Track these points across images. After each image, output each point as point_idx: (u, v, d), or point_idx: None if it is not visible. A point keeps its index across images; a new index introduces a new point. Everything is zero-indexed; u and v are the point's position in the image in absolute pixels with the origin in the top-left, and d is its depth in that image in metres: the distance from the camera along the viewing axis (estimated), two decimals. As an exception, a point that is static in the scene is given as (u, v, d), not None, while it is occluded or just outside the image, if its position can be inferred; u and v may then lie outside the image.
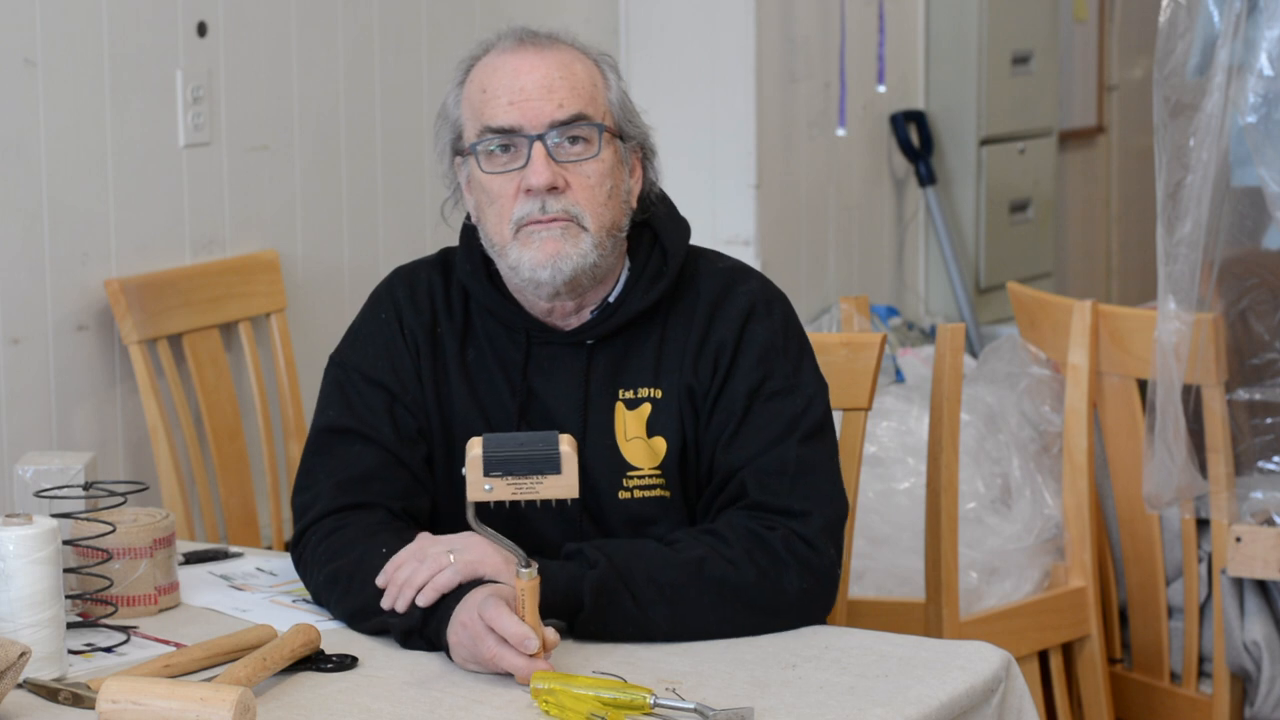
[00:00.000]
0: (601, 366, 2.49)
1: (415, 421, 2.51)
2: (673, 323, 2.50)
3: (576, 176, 2.42)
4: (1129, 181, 6.84)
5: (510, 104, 2.42)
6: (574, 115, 2.42)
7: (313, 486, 2.50)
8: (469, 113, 2.47)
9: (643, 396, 2.48)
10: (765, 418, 2.45)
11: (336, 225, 4.16)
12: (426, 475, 2.51)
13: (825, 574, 2.39)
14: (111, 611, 2.41)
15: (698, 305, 2.50)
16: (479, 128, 2.44)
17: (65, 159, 3.58)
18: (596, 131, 2.43)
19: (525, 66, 2.43)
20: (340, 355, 2.57)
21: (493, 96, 2.43)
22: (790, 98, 5.06)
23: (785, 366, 2.48)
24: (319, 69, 4.10)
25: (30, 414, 3.55)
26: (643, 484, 2.47)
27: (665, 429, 2.48)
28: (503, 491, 2.17)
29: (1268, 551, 3.45)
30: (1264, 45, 3.43)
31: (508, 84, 2.43)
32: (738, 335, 2.48)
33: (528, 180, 2.41)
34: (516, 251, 2.43)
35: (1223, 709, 3.58)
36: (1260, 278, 3.63)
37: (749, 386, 2.46)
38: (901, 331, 5.34)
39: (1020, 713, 2.29)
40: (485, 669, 2.20)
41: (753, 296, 2.51)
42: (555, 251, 2.41)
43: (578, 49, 2.48)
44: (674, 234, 2.53)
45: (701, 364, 2.48)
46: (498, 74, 2.45)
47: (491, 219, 2.45)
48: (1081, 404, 3.65)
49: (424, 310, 2.54)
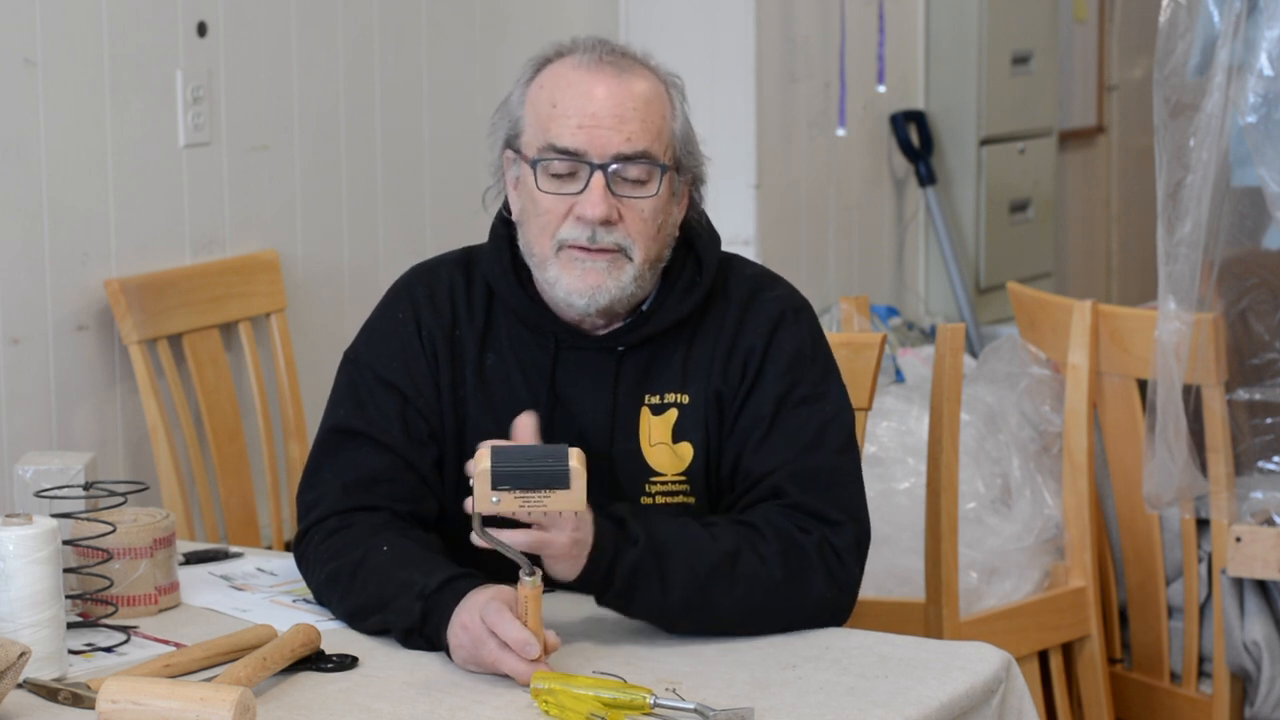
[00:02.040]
0: (630, 372, 2.48)
1: (427, 425, 2.49)
2: (702, 329, 2.49)
3: (630, 210, 2.40)
4: (1129, 181, 6.84)
5: (579, 127, 2.38)
6: (640, 152, 2.39)
7: (319, 486, 2.49)
8: (533, 120, 2.43)
9: (669, 402, 2.47)
10: (795, 424, 2.45)
11: (336, 225, 4.16)
12: (435, 478, 2.49)
13: (848, 587, 2.40)
14: (111, 611, 2.41)
15: (727, 312, 2.49)
16: (543, 143, 2.41)
17: (65, 159, 3.58)
18: (659, 171, 2.41)
19: (601, 91, 2.39)
20: (355, 352, 2.55)
21: (562, 114, 2.39)
22: (790, 98, 5.06)
23: (813, 374, 2.48)
24: (319, 69, 4.10)
25: (30, 414, 3.54)
26: (666, 490, 2.47)
27: (691, 435, 2.47)
28: (510, 505, 2.17)
29: (1268, 551, 3.45)
30: (1264, 45, 3.43)
31: (579, 105, 2.39)
32: (766, 342, 2.47)
33: (582, 209, 2.38)
34: (556, 271, 2.41)
35: (1223, 709, 3.58)
36: (1260, 278, 3.63)
37: (777, 393, 2.45)
38: (901, 331, 5.34)
39: (1020, 713, 2.29)
40: (485, 671, 2.20)
41: (781, 304, 2.51)
42: (596, 284, 2.39)
43: (649, 70, 2.44)
44: (709, 245, 2.52)
45: (730, 369, 2.47)
46: (570, 91, 2.40)
47: (535, 229, 2.43)
48: (1081, 404, 3.65)
49: (444, 312, 2.51)
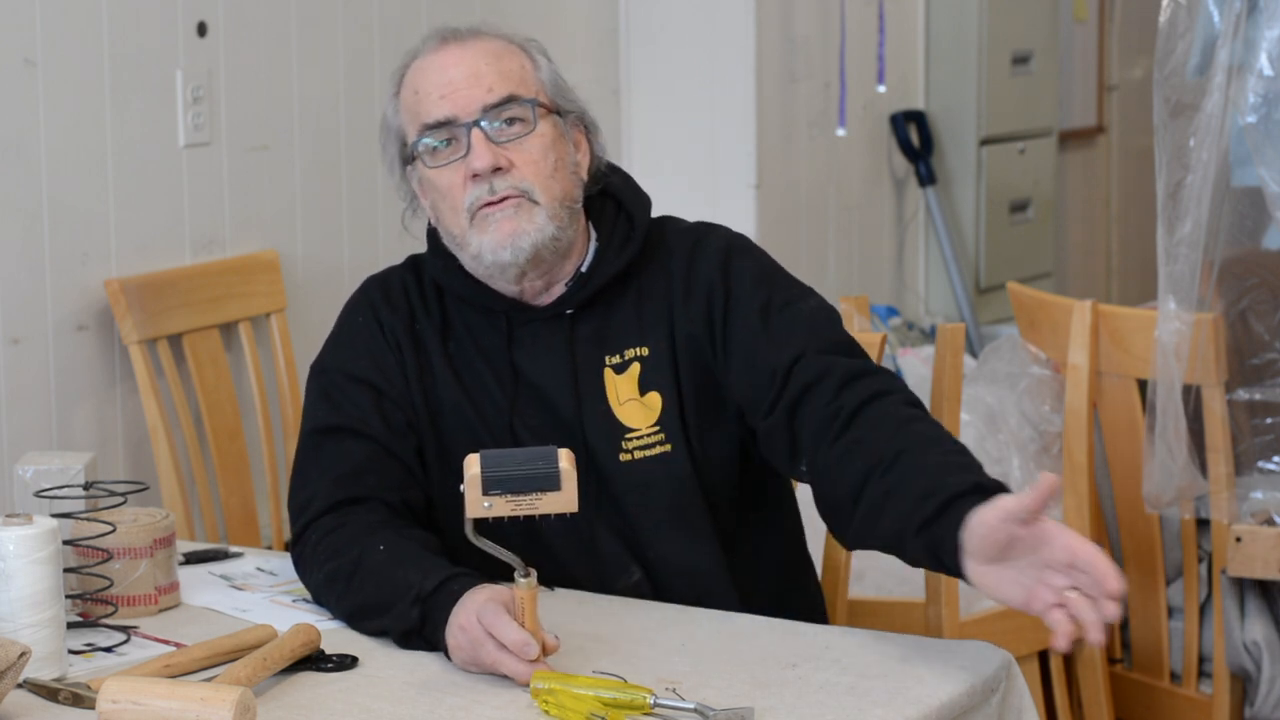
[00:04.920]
0: (584, 336, 2.51)
1: (403, 415, 2.52)
2: (647, 281, 2.53)
3: (519, 154, 2.45)
4: (1129, 181, 6.84)
5: (441, 97, 2.46)
6: (505, 97, 2.46)
7: (308, 485, 2.50)
8: (407, 117, 2.51)
9: (630, 358, 2.51)
10: (790, 320, 2.48)
11: (336, 225, 4.16)
12: (419, 467, 2.52)
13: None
14: (111, 611, 2.41)
15: (672, 261, 2.53)
16: (417, 127, 2.48)
17: (65, 159, 3.58)
18: (530, 109, 2.47)
19: (451, 61, 2.48)
20: (320, 363, 2.59)
21: (425, 95, 2.48)
22: (790, 98, 5.06)
23: (784, 284, 2.53)
24: (319, 69, 4.10)
25: (30, 414, 3.55)
26: (642, 444, 2.49)
27: (658, 384, 2.50)
28: (502, 508, 2.17)
29: (1268, 551, 3.45)
30: (1264, 45, 3.43)
31: (436, 80, 2.48)
32: (723, 273, 2.51)
33: (471, 165, 2.44)
34: (476, 239, 2.45)
35: (1223, 709, 3.58)
36: (1260, 278, 3.63)
37: (758, 305, 2.49)
38: (901, 331, 5.34)
39: (1020, 713, 2.29)
40: (484, 672, 2.20)
41: (726, 240, 2.56)
42: (512, 230, 2.44)
43: (501, 37, 2.53)
44: (636, 201, 2.58)
45: (693, 310, 2.50)
46: (426, 73, 2.49)
47: (447, 213, 2.48)
48: (1081, 404, 3.65)
49: (400, 309, 2.56)
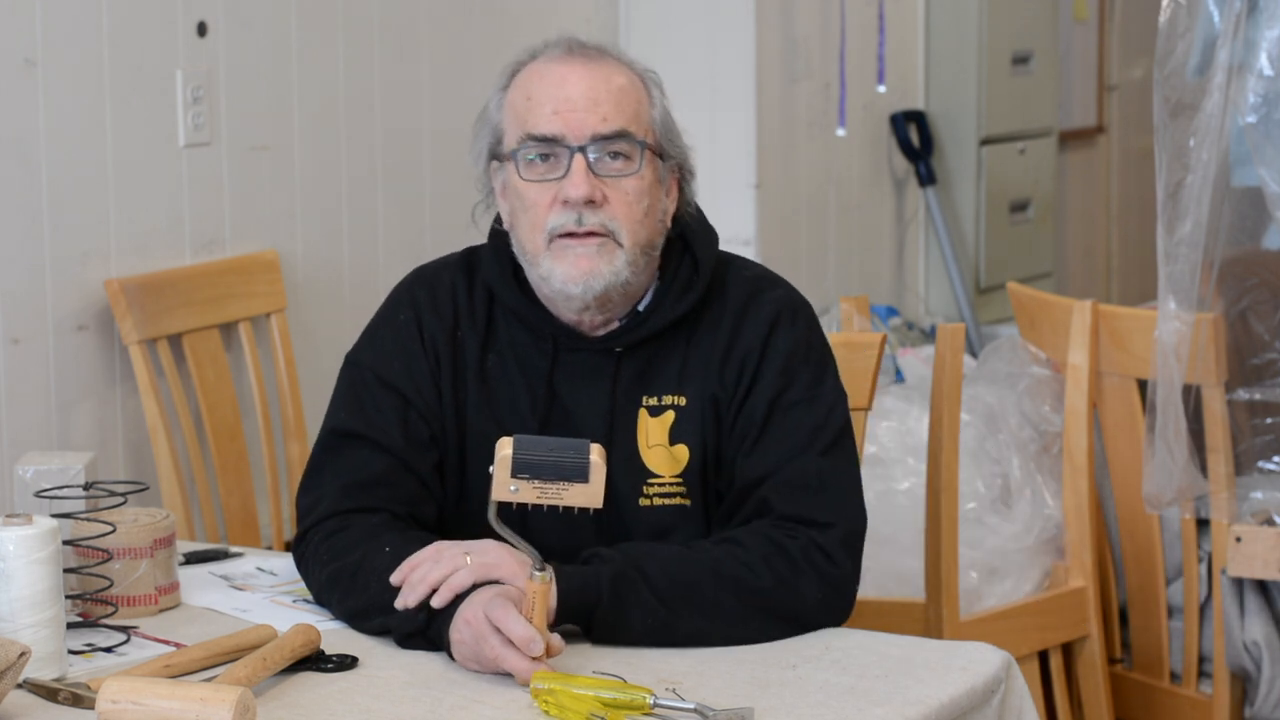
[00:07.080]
0: (628, 373, 2.48)
1: (428, 428, 2.49)
2: (700, 331, 2.49)
3: (615, 191, 2.40)
4: (1129, 181, 6.84)
5: (554, 113, 2.40)
6: (617, 130, 2.40)
7: (318, 487, 2.49)
8: (511, 118, 2.44)
9: (667, 404, 2.47)
10: (785, 428, 2.44)
11: (336, 225, 4.16)
12: (435, 482, 2.49)
13: (842, 585, 2.38)
14: (111, 611, 2.41)
15: (725, 313, 2.49)
16: (521, 134, 2.42)
17: (65, 159, 3.58)
18: (638, 149, 2.41)
19: (572, 77, 2.41)
20: (356, 354, 2.55)
21: (537, 104, 2.41)
22: (790, 98, 5.06)
23: (806, 376, 2.47)
24: (319, 69, 4.10)
25: (30, 414, 3.54)
26: (663, 491, 2.47)
27: (688, 437, 2.47)
28: (528, 494, 2.17)
29: (1268, 551, 3.45)
30: (1264, 45, 3.43)
31: (553, 93, 2.41)
32: (762, 344, 2.47)
33: (566, 191, 2.39)
34: (549, 263, 2.41)
35: (1223, 709, 3.58)
36: (1260, 278, 3.63)
37: (770, 396, 2.45)
38: (901, 331, 5.34)
39: (1020, 713, 2.29)
40: (486, 669, 2.20)
41: (779, 304, 2.50)
42: (589, 269, 2.39)
43: (624, 64, 2.46)
44: (705, 244, 2.52)
45: (727, 372, 2.47)
46: (543, 81, 2.42)
47: (525, 227, 2.43)
48: (1081, 404, 3.65)
49: (445, 314, 2.51)
